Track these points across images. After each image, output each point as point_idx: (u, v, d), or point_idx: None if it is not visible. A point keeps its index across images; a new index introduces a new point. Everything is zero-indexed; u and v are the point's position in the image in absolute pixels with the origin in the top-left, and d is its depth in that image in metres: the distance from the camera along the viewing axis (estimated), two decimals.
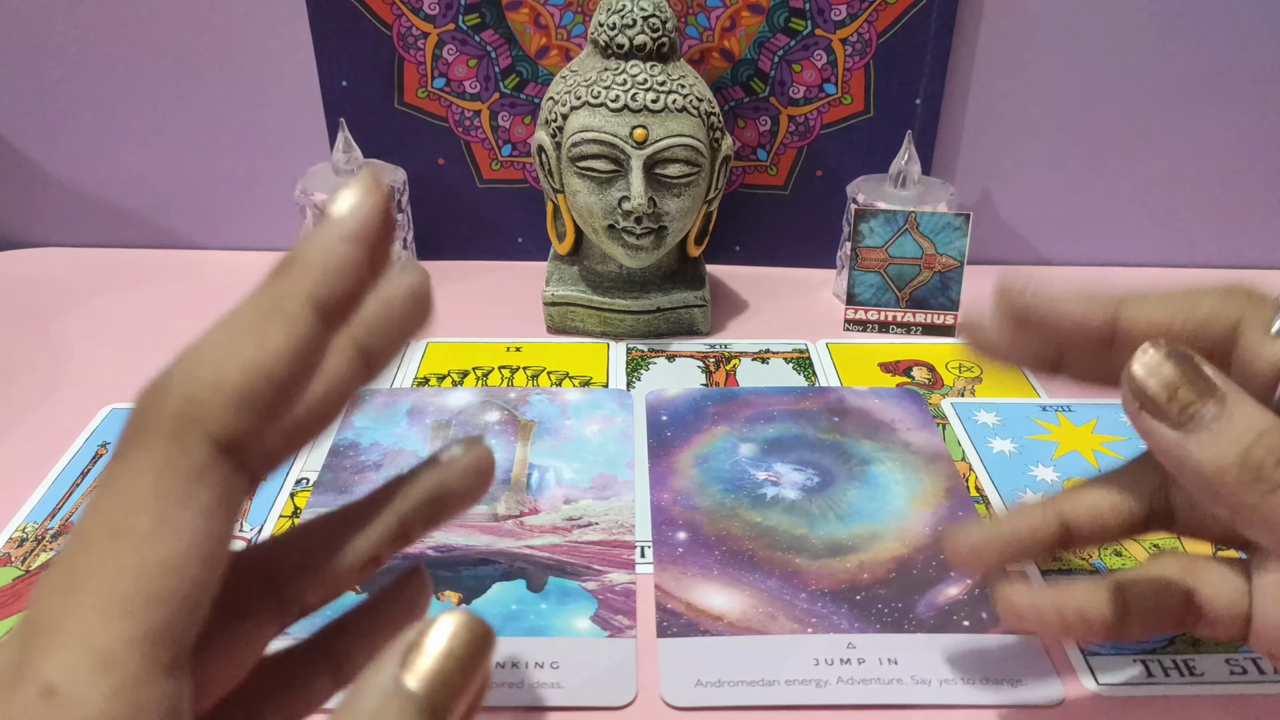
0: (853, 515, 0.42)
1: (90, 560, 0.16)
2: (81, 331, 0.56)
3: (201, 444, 0.16)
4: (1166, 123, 0.62)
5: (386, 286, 0.20)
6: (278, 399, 0.17)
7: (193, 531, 0.16)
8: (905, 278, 0.56)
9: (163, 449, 0.16)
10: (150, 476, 0.16)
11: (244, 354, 0.16)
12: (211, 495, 0.16)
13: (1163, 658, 0.35)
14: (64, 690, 0.15)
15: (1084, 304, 0.29)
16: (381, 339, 0.21)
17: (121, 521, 0.16)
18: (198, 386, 0.16)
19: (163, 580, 0.16)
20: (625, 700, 0.33)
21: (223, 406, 0.16)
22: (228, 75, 0.61)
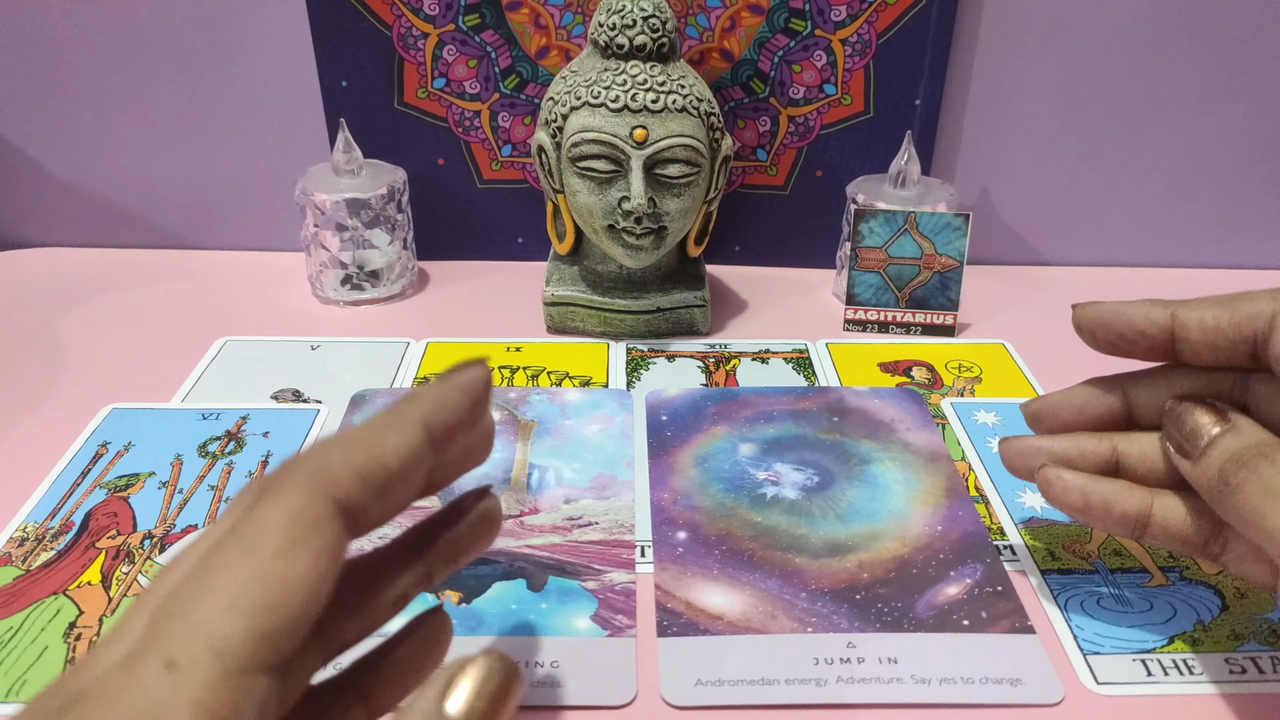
0: (852, 515, 0.42)
1: (223, 567, 0.19)
2: (81, 331, 0.56)
3: (325, 500, 0.21)
4: (1166, 123, 0.62)
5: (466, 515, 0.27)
6: (385, 484, 0.22)
7: (306, 563, 0.20)
8: (905, 278, 0.56)
9: (297, 497, 0.20)
10: (284, 514, 0.20)
11: (368, 443, 0.22)
12: (324, 541, 0.20)
13: (1162, 657, 0.35)
14: (183, 666, 0.18)
15: (1146, 308, 0.33)
16: (444, 556, 0.27)
17: (255, 542, 0.20)
18: (331, 459, 0.21)
19: (277, 594, 0.19)
20: (625, 700, 0.33)
21: (346, 476, 0.21)
22: (228, 75, 0.61)
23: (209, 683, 0.18)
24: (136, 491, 0.43)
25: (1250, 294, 0.32)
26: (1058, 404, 0.37)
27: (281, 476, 0.21)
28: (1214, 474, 0.30)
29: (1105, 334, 0.34)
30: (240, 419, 0.48)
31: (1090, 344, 0.35)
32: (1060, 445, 0.36)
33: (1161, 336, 0.33)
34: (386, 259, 0.59)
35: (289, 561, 0.20)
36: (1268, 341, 0.31)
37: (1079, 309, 0.35)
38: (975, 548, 0.40)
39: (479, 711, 0.21)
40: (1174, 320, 0.33)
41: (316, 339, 0.56)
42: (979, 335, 0.58)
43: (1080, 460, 0.35)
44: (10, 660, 0.34)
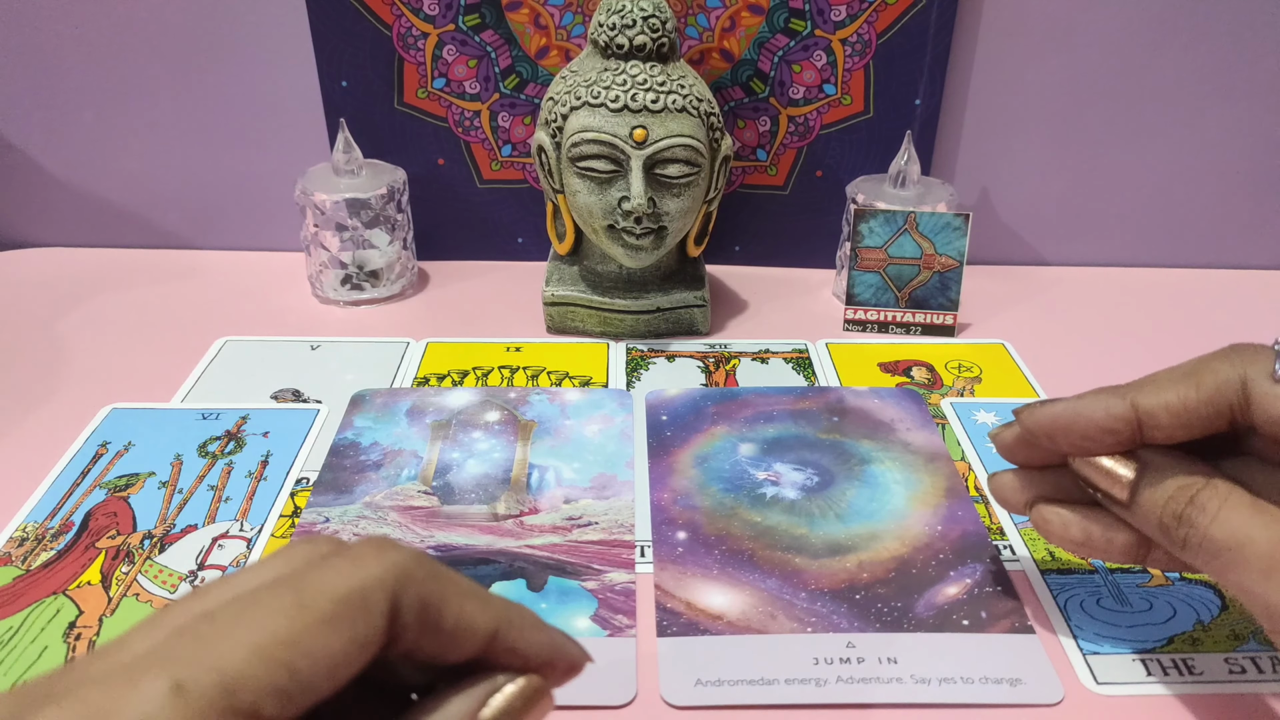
0: (852, 515, 0.42)
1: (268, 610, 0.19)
2: (81, 331, 0.56)
3: (388, 598, 0.20)
4: (1166, 123, 0.62)
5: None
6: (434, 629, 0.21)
7: (342, 641, 0.19)
8: (905, 278, 0.56)
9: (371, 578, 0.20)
10: (350, 586, 0.20)
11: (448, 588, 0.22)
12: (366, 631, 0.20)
13: (1162, 657, 0.35)
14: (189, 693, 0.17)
15: (1103, 402, 0.31)
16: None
17: (309, 597, 0.19)
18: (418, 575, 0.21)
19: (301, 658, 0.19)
20: (625, 699, 0.33)
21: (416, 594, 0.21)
22: (228, 76, 0.61)
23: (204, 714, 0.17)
24: (136, 491, 0.43)
25: (1208, 364, 0.30)
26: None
27: (369, 550, 0.21)
28: (1155, 526, 0.30)
29: (1065, 438, 0.32)
30: (240, 419, 0.48)
31: (1051, 448, 0.33)
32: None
33: (1128, 430, 0.31)
34: (386, 259, 0.59)
35: (329, 635, 0.19)
36: (1247, 410, 0.30)
37: (1024, 414, 0.33)
38: (975, 548, 0.40)
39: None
40: (1137, 410, 0.31)
41: (316, 339, 0.56)
42: (979, 335, 0.58)
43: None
44: (10, 660, 0.34)
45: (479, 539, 0.40)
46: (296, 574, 0.20)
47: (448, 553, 0.40)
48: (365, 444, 0.46)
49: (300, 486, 0.44)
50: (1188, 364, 0.31)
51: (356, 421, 0.48)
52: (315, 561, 0.21)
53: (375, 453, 0.46)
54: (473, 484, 0.44)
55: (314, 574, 0.20)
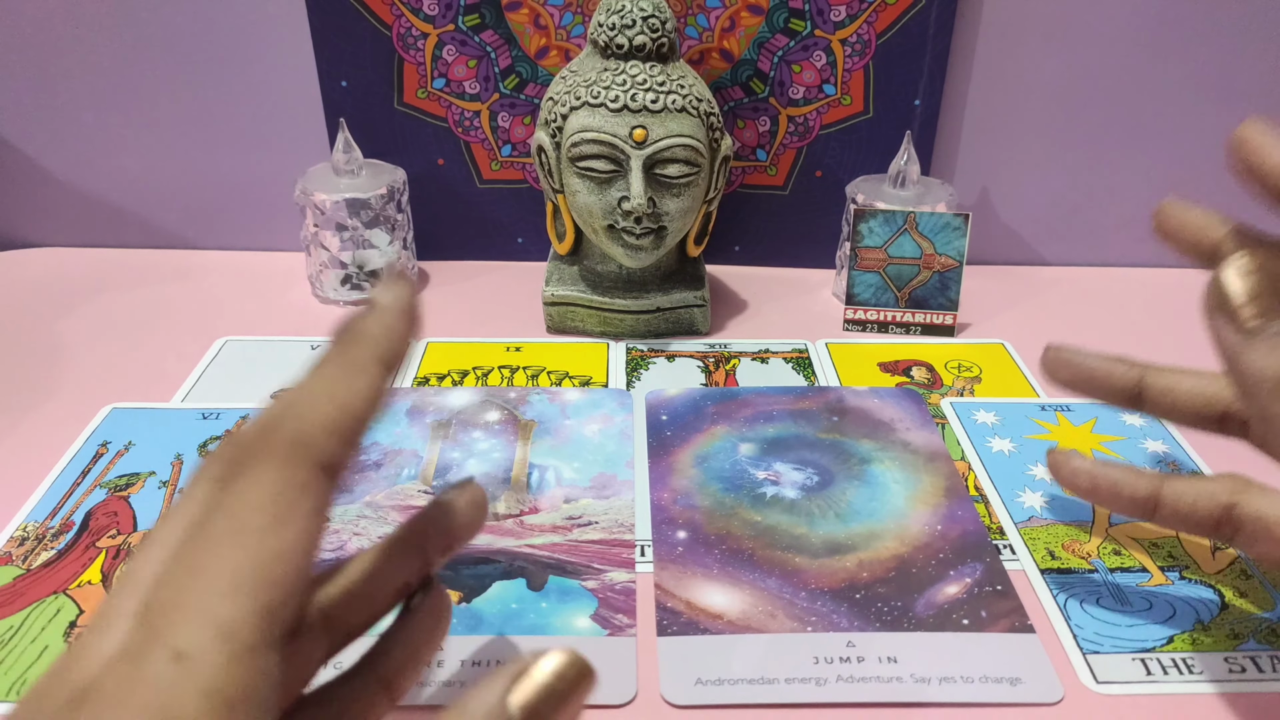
0: (852, 514, 0.42)
1: (214, 551, 0.19)
2: (81, 331, 0.56)
3: (308, 465, 0.20)
4: (1165, 123, 0.62)
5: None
6: (360, 431, 0.22)
7: (299, 529, 0.20)
8: (904, 278, 0.56)
9: (280, 468, 0.20)
10: (268, 488, 0.20)
11: (340, 399, 0.21)
12: (313, 503, 0.20)
13: (1162, 657, 0.35)
14: (192, 655, 0.18)
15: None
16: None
17: (244, 519, 0.19)
18: (306, 423, 0.21)
19: (276, 567, 0.19)
20: (625, 699, 0.34)
21: (324, 437, 0.21)
22: (228, 75, 0.61)
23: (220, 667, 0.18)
24: (136, 491, 0.43)
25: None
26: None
27: (255, 450, 0.20)
28: (1275, 371, 0.26)
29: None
30: (240, 419, 0.48)
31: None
32: (1092, 362, 0.36)
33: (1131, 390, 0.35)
34: (386, 259, 0.59)
35: (282, 534, 0.19)
36: None
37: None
38: (975, 547, 0.40)
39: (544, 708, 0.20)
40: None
41: (316, 339, 0.56)
42: (978, 335, 0.58)
43: (1105, 378, 0.36)
44: (10, 660, 0.34)
45: (479, 538, 0.40)
46: (217, 506, 0.20)
47: None
48: (365, 444, 0.46)
49: None
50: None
51: None
52: (220, 481, 0.20)
53: (375, 452, 0.46)
54: None
55: (231, 497, 0.20)
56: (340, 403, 0.21)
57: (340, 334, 0.23)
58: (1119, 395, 0.36)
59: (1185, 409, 0.35)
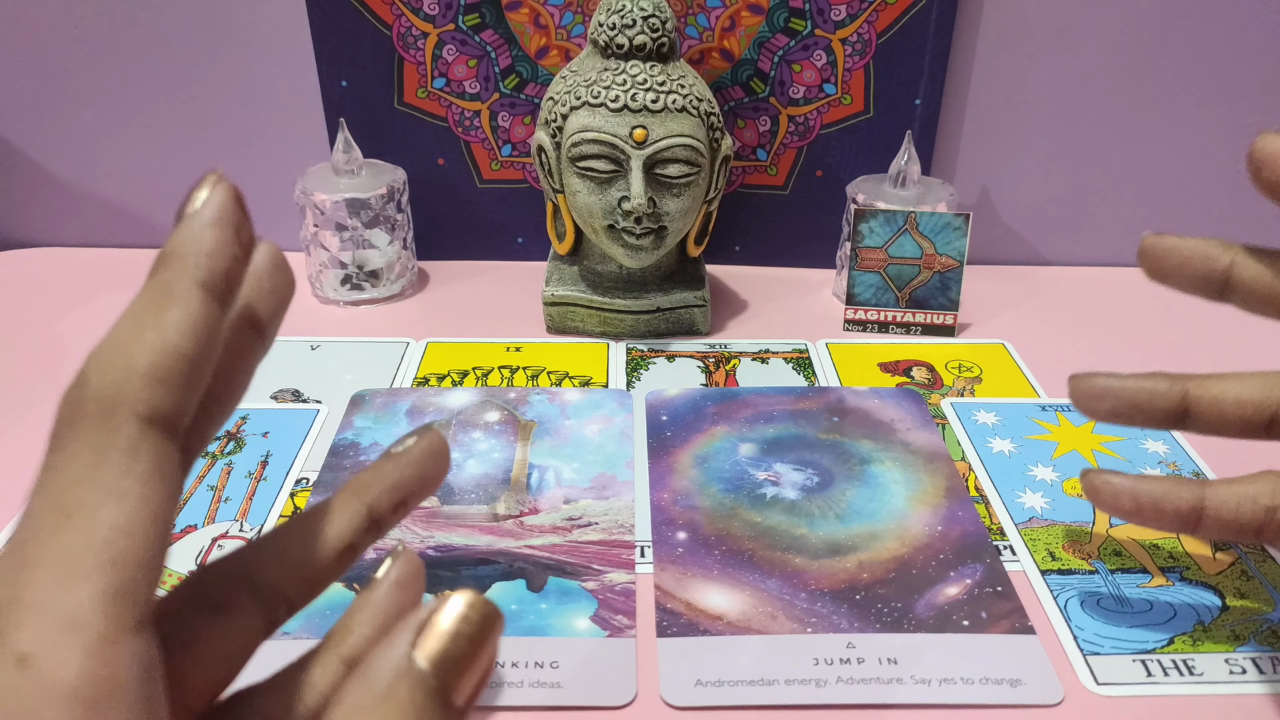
0: (852, 515, 0.42)
1: (42, 537, 0.17)
2: (81, 331, 0.56)
3: (128, 421, 0.17)
4: (1166, 122, 0.62)
5: (253, 263, 0.22)
6: (187, 371, 0.18)
7: (136, 497, 0.17)
8: (905, 278, 0.56)
9: (95, 432, 0.17)
10: (88, 456, 0.17)
11: (147, 337, 0.18)
12: (147, 464, 0.17)
13: (1162, 658, 0.35)
14: (38, 656, 0.15)
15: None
16: (263, 308, 0.23)
17: (69, 498, 0.17)
18: (113, 372, 0.18)
19: (116, 543, 0.16)
20: (625, 700, 0.33)
21: (140, 385, 0.18)
22: (228, 75, 0.61)
23: (71, 665, 0.15)
24: None
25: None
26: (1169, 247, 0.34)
27: (67, 416, 0.18)
28: None
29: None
30: (240, 419, 0.48)
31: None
32: (1131, 384, 0.33)
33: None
34: (386, 259, 0.59)
35: (116, 508, 0.17)
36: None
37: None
38: (975, 548, 0.40)
39: (453, 656, 0.18)
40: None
41: (316, 339, 0.56)
42: (979, 335, 0.57)
43: (1148, 403, 0.33)
44: None
45: (479, 539, 0.40)
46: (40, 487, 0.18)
47: (448, 553, 0.40)
48: (365, 444, 0.46)
49: (300, 487, 0.44)
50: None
51: (356, 422, 0.48)
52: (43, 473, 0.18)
53: (375, 453, 0.46)
54: (473, 484, 0.44)
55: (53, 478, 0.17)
56: (151, 342, 0.18)
57: (155, 260, 0.19)
58: (1165, 417, 0.33)
59: (1234, 419, 0.33)
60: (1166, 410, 0.33)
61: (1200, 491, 0.32)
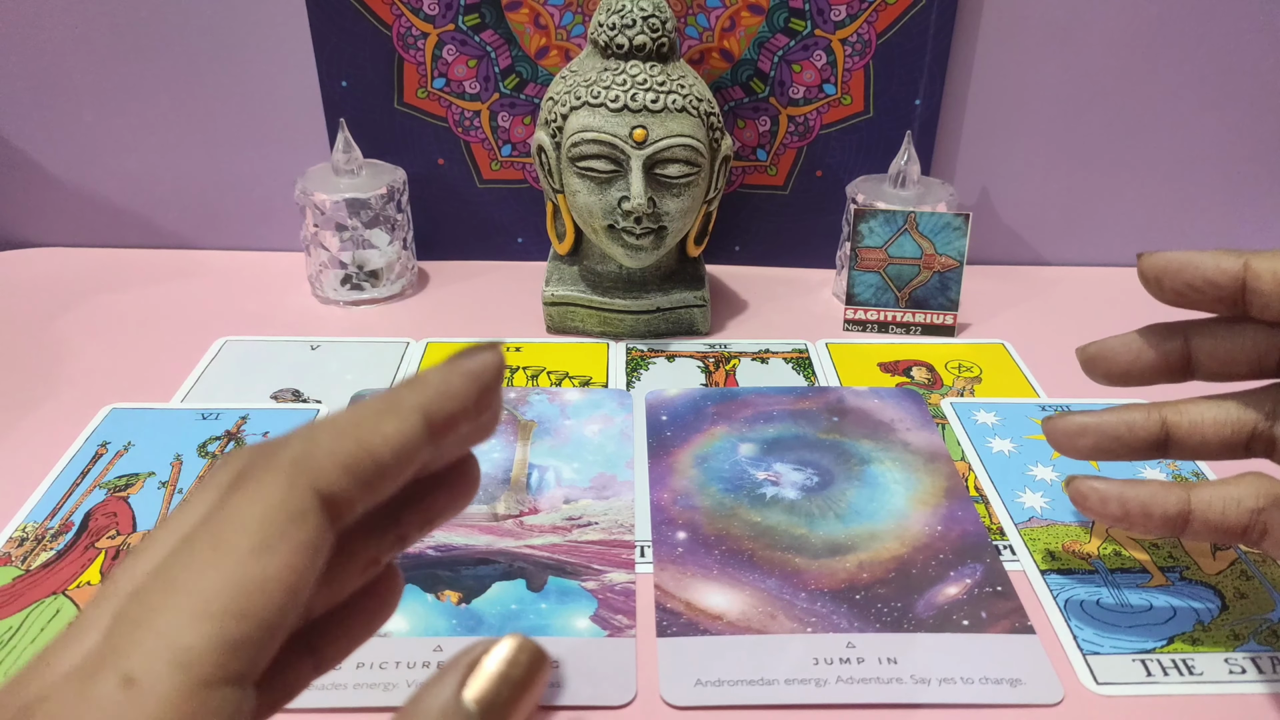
0: (852, 515, 0.42)
1: (191, 567, 0.18)
2: (81, 331, 0.56)
3: (307, 492, 0.19)
4: (1166, 123, 0.62)
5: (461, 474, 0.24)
6: (375, 475, 0.20)
7: (284, 562, 0.18)
8: (905, 278, 0.56)
9: (276, 488, 0.18)
10: (260, 507, 0.18)
11: (360, 431, 0.20)
12: (305, 536, 0.18)
13: (1162, 657, 0.35)
14: (141, 682, 0.16)
15: (1217, 257, 0.31)
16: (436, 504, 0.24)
17: (228, 539, 0.18)
18: (315, 446, 0.19)
19: (251, 598, 0.17)
20: (625, 700, 0.33)
21: (331, 466, 0.19)
22: (228, 75, 0.61)
23: (168, 700, 0.16)
24: (136, 491, 0.43)
25: None
26: (1115, 348, 0.35)
27: (259, 463, 0.19)
28: None
29: (1172, 282, 0.32)
30: (240, 419, 0.48)
31: (1156, 294, 0.33)
32: (1109, 420, 0.34)
33: (1232, 286, 0.31)
34: (386, 259, 0.59)
35: (264, 561, 0.18)
36: None
37: (1146, 256, 0.33)
38: (975, 548, 0.40)
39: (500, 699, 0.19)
40: (1247, 270, 0.31)
41: (316, 339, 0.56)
42: (979, 335, 0.57)
43: (1128, 435, 0.34)
44: (10, 660, 0.34)
45: (479, 539, 0.40)
46: (205, 520, 0.19)
47: (447, 552, 0.40)
48: None
49: None
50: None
51: None
52: (219, 493, 0.19)
53: None
54: None
55: (223, 510, 0.18)
56: (360, 438, 0.20)
57: (403, 381, 0.22)
58: (1146, 447, 0.34)
59: (1215, 441, 0.33)
60: (1147, 440, 0.34)
61: (1186, 495, 0.32)
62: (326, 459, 0.19)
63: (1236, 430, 0.33)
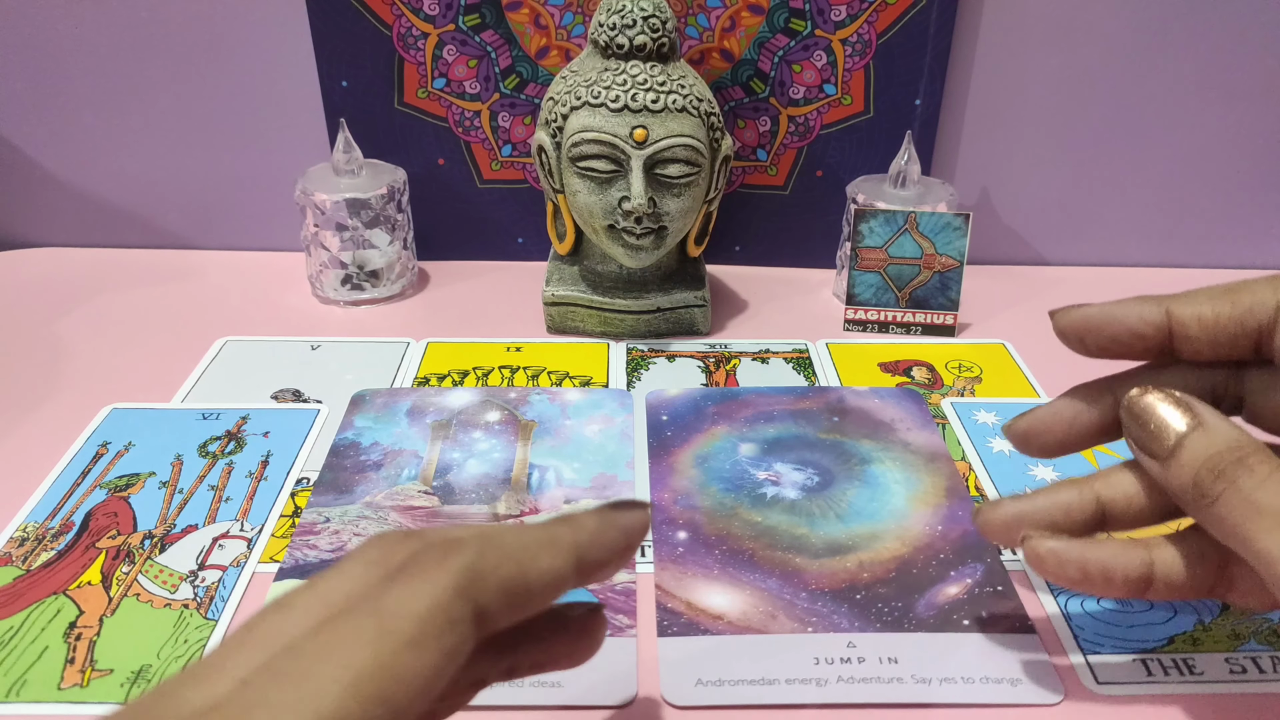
0: (853, 515, 0.42)
1: (351, 642, 0.19)
2: (81, 331, 0.56)
3: (468, 603, 0.20)
4: (1166, 122, 0.62)
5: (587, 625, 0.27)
6: (525, 602, 0.22)
7: (432, 661, 0.19)
8: (905, 278, 0.56)
9: (444, 591, 0.20)
10: (427, 604, 0.20)
11: (521, 557, 0.22)
12: (455, 642, 0.20)
13: (1163, 657, 0.35)
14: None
15: (1137, 307, 0.31)
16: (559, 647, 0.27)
17: (393, 624, 0.19)
18: (484, 562, 0.21)
19: (396, 686, 0.18)
20: (625, 699, 0.34)
21: (492, 584, 0.21)
22: (228, 75, 0.61)
23: None
24: (137, 491, 0.43)
25: (1249, 284, 0.30)
26: (1046, 421, 0.33)
27: (433, 559, 0.20)
28: (1187, 481, 0.28)
29: (1095, 339, 0.32)
30: (240, 419, 0.48)
31: (1079, 350, 0.32)
32: (1043, 506, 0.32)
33: (1157, 336, 0.31)
34: (386, 259, 0.59)
35: (418, 655, 0.19)
36: (1273, 334, 0.30)
37: (1059, 315, 0.32)
38: (975, 547, 0.40)
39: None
40: (1170, 318, 0.31)
41: (316, 339, 0.56)
42: (979, 335, 0.58)
43: (1065, 519, 0.32)
44: (10, 660, 0.34)
45: None
46: (372, 595, 0.20)
47: None
48: (365, 444, 0.46)
49: (300, 486, 0.44)
50: (1230, 283, 0.31)
51: (357, 421, 0.48)
52: (391, 576, 0.20)
53: (375, 453, 0.46)
54: (473, 484, 0.44)
55: (391, 595, 0.20)
56: (523, 564, 0.21)
57: (561, 516, 0.24)
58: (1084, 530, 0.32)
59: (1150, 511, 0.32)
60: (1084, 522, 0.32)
61: (1148, 555, 0.31)
62: (491, 577, 0.21)
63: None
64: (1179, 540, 0.31)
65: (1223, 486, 0.27)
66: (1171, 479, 0.29)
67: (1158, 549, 0.31)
